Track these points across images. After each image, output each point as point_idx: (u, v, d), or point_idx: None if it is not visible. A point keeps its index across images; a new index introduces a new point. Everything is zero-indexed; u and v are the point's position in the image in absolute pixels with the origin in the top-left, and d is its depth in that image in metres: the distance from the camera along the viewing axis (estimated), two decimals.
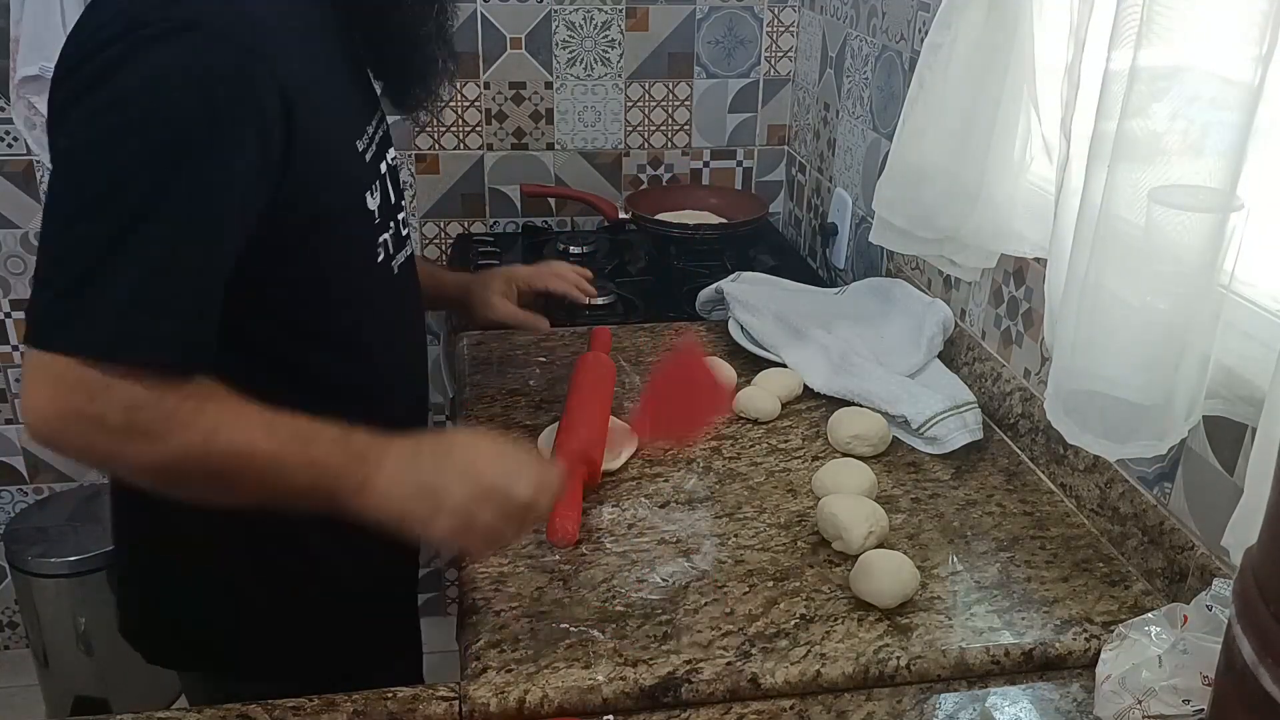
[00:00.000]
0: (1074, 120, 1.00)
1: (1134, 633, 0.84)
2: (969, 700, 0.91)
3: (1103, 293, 0.90)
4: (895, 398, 1.28)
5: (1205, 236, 0.83)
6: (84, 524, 2.14)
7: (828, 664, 0.91)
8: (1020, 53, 1.14)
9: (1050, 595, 1.01)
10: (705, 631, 0.95)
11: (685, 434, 1.19)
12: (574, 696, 0.88)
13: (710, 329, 1.59)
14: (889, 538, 1.07)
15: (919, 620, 0.97)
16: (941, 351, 1.42)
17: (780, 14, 2.11)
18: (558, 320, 1.65)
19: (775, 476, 1.20)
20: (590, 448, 1.14)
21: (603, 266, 1.90)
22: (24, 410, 0.81)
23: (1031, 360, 1.28)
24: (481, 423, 1.30)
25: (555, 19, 2.05)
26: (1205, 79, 0.81)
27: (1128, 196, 0.86)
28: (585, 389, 1.27)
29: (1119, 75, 0.86)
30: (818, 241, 1.99)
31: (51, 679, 2.20)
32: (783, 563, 1.05)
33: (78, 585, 2.08)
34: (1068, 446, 1.16)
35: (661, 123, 2.16)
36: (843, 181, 1.89)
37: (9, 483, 2.26)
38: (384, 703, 0.88)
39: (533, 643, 0.93)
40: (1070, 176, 1.00)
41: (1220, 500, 0.95)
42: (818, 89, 2.02)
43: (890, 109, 1.65)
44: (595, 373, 1.31)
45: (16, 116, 1.89)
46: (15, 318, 2.12)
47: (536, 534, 1.08)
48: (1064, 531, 1.12)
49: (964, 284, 1.44)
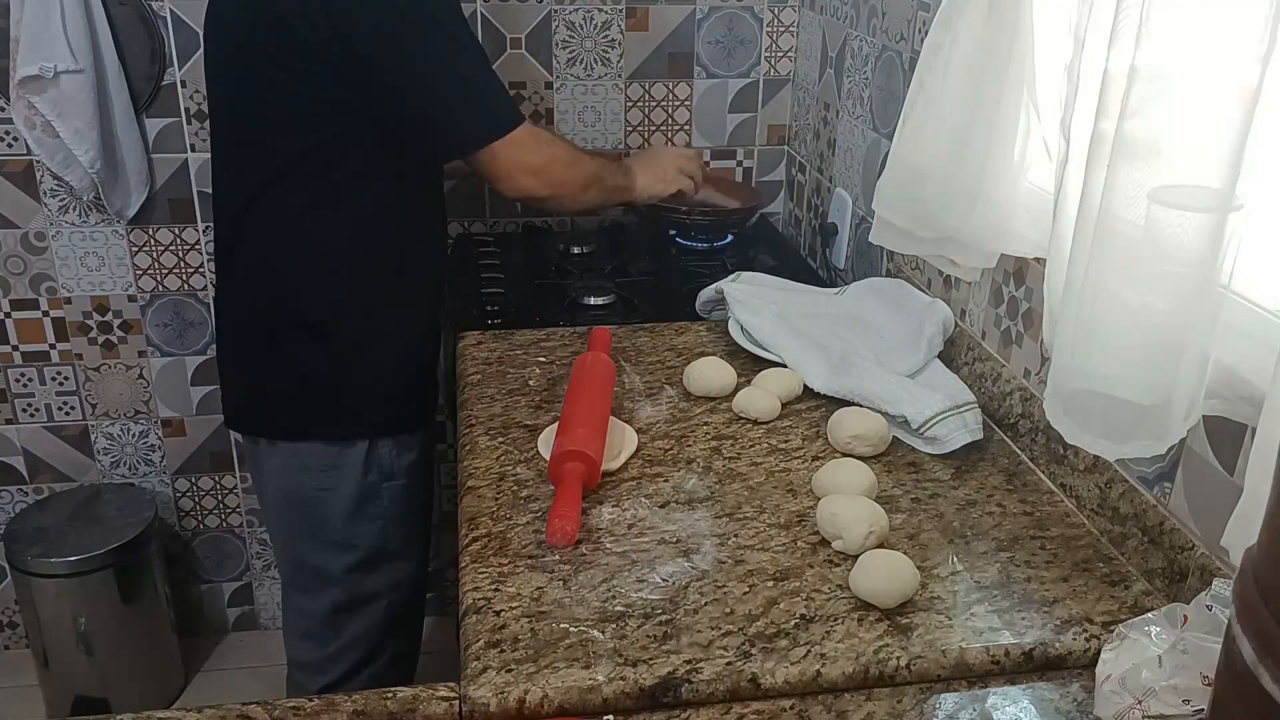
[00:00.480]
0: (1073, 120, 1.00)
1: (1134, 633, 0.84)
2: (969, 700, 0.91)
3: (1102, 293, 0.90)
4: (895, 398, 1.28)
5: (1205, 237, 0.83)
6: (84, 524, 2.14)
7: (828, 664, 0.91)
8: (1020, 53, 1.14)
9: (1050, 595, 1.01)
10: (705, 631, 0.95)
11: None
12: (574, 696, 0.88)
13: (710, 329, 1.59)
14: (889, 538, 1.07)
15: (919, 620, 0.97)
16: (941, 351, 1.42)
17: (780, 14, 2.11)
18: (558, 320, 1.66)
19: (775, 476, 1.20)
20: (590, 448, 1.14)
21: (603, 266, 1.91)
22: (521, 176, 1.46)
23: (1031, 360, 1.28)
24: (481, 422, 1.31)
25: (555, 19, 2.05)
26: (1205, 79, 0.81)
27: (1127, 196, 0.86)
28: (585, 389, 1.27)
29: (1118, 75, 0.86)
30: (818, 241, 1.99)
31: (51, 679, 2.20)
32: (783, 563, 1.05)
33: (78, 585, 2.08)
34: (1068, 446, 1.17)
35: (661, 123, 2.16)
36: (843, 181, 1.89)
37: (9, 483, 2.26)
38: (384, 703, 0.88)
39: (533, 643, 0.93)
40: (1070, 176, 1.00)
41: (1220, 500, 0.95)
42: (818, 89, 2.02)
43: (890, 109, 1.65)
44: (595, 373, 1.31)
45: (16, 116, 1.89)
46: (15, 318, 2.12)
47: (536, 534, 1.08)
48: (1064, 531, 1.12)
49: (964, 284, 1.44)
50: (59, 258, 2.09)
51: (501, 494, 1.16)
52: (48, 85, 1.85)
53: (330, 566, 1.59)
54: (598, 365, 1.33)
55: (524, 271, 1.89)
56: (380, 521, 1.59)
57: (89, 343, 2.17)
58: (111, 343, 2.17)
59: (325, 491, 1.55)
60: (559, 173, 1.51)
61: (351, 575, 1.60)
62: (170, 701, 2.28)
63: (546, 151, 1.50)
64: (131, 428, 2.26)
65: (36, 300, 2.12)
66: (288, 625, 1.72)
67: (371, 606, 1.63)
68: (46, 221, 2.06)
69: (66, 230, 2.07)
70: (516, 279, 1.84)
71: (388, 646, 1.67)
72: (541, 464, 1.20)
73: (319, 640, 1.65)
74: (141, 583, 2.17)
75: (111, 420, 2.24)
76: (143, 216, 2.07)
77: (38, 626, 2.13)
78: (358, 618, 1.63)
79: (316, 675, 1.65)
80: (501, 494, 1.16)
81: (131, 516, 2.16)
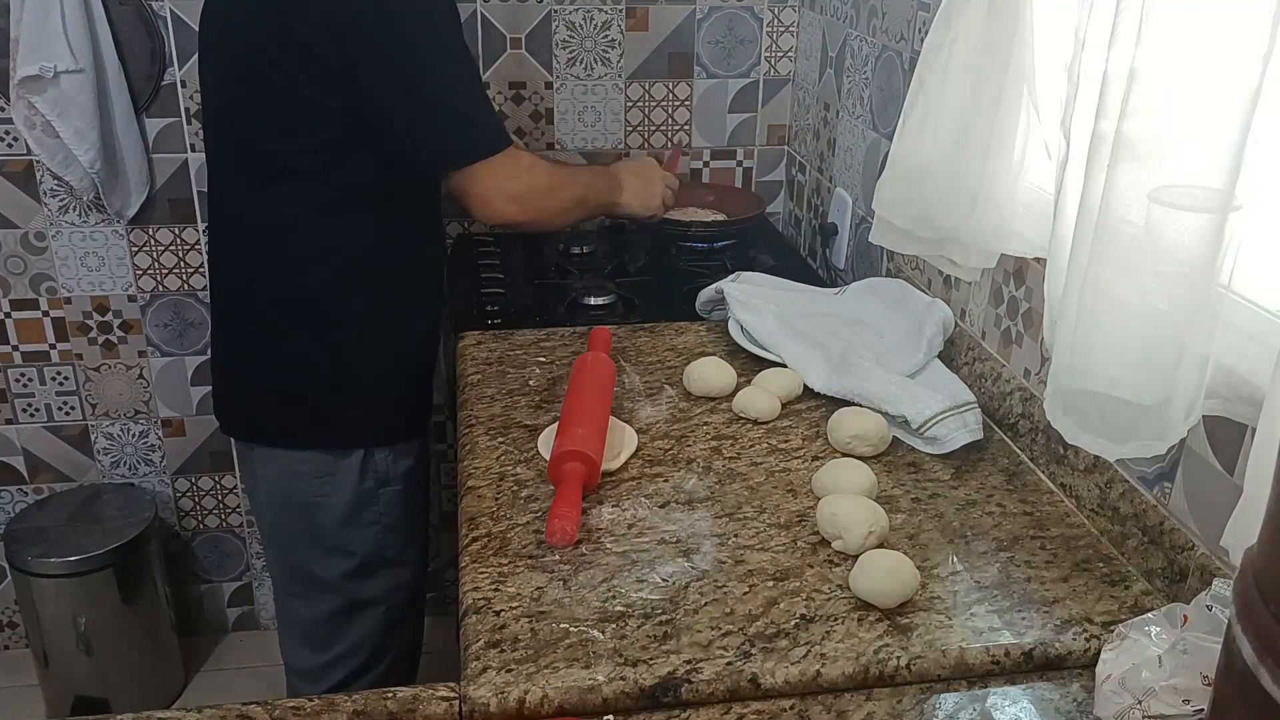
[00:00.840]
0: (1073, 120, 1.00)
1: (1134, 633, 0.84)
2: (969, 700, 0.91)
3: (1102, 293, 0.90)
4: (895, 398, 1.28)
5: (1205, 236, 0.83)
6: (84, 524, 2.14)
7: (828, 664, 0.91)
8: (1020, 53, 1.14)
9: (1050, 595, 1.01)
10: (705, 631, 0.95)
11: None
12: (574, 696, 0.88)
13: (710, 329, 1.59)
14: (889, 538, 1.07)
15: (919, 620, 0.97)
16: (941, 351, 1.42)
17: (780, 14, 2.11)
18: (558, 320, 1.66)
19: (775, 476, 1.20)
20: (589, 447, 1.14)
21: (603, 266, 1.91)
22: (500, 202, 1.44)
23: (1031, 360, 1.28)
24: (481, 422, 1.31)
25: (555, 19, 2.05)
26: (1205, 79, 0.81)
27: (1127, 196, 0.86)
28: (585, 389, 1.27)
29: (1118, 75, 0.86)
30: (818, 241, 1.99)
31: (51, 679, 2.20)
32: (783, 563, 1.05)
33: (78, 585, 2.08)
34: (1068, 446, 1.17)
35: (661, 123, 2.16)
36: (843, 181, 1.89)
37: (9, 483, 2.26)
38: (384, 703, 0.88)
39: (533, 643, 0.93)
40: (1070, 176, 1.00)
41: (1220, 500, 0.95)
42: (818, 89, 2.02)
43: (890, 109, 1.65)
44: (595, 372, 1.31)
45: (16, 116, 1.89)
46: (15, 318, 2.12)
47: (536, 534, 1.08)
48: (1064, 531, 1.12)
49: (964, 284, 1.44)
50: (59, 258, 2.09)
51: (501, 494, 1.16)
52: (48, 85, 1.85)
53: (326, 573, 1.59)
54: (598, 365, 1.33)
55: (524, 271, 1.89)
56: (376, 527, 1.58)
57: (89, 343, 2.17)
58: (111, 343, 2.17)
59: (321, 497, 1.54)
60: (537, 200, 1.49)
61: (348, 581, 1.59)
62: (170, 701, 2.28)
63: (526, 178, 1.47)
64: (131, 428, 2.26)
65: (36, 300, 2.12)
66: (284, 631, 1.71)
67: (369, 612, 1.62)
68: (46, 221, 2.06)
69: (66, 230, 2.08)
70: (516, 279, 1.84)
71: (386, 653, 1.67)
72: (541, 464, 1.20)
73: (315, 647, 1.64)
74: (141, 583, 2.17)
75: (111, 420, 2.24)
76: (143, 216, 2.07)
77: (38, 626, 2.13)
78: (356, 624, 1.62)
79: (315, 682, 1.65)
80: (501, 494, 1.16)
81: (131, 516, 2.16)
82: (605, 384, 1.30)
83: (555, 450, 1.14)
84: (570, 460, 1.12)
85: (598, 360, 1.35)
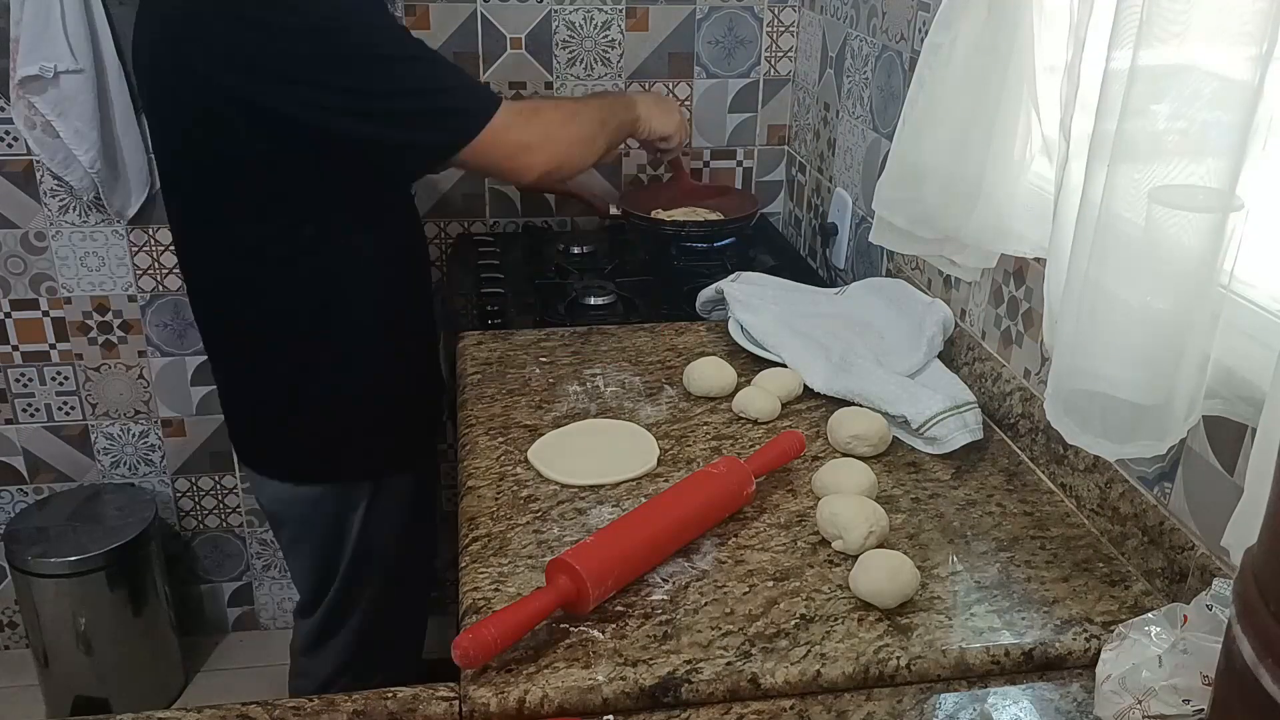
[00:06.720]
0: (1074, 120, 1.00)
1: (1134, 633, 0.84)
2: (969, 700, 0.91)
3: (1103, 293, 0.90)
4: (895, 398, 1.28)
5: (1205, 236, 0.83)
6: (84, 524, 2.14)
7: (828, 664, 0.91)
8: (1020, 53, 1.14)
9: (1050, 595, 1.01)
10: (705, 631, 0.95)
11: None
12: (574, 696, 0.88)
13: (710, 329, 1.59)
14: (889, 538, 1.07)
15: (919, 620, 0.97)
16: (941, 351, 1.42)
17: (780, 14, 2.11)
18: (558, 320, 1.65)
19: (775, 476, 1.20)
20: (594, 577, 0.93)
21: (603, 266, 1.91)
22: (523, 155, 1.39)
23: (1031, 360, 1.28)
24: (481, 422, 1.30)
25: (555, 19, 2.05)
26: (1205, 79, 0.81)
27: (1128, 196, 0.86)
28: (676, 507, 1.04)
29: (1119, 75, 0.86)
30: (818, 241, 1.99)
31: (51, 679, 2.20)
32: (783, 563, 1.05)
33: (78, 585, 2.08)
34: (1068, 446, 1.17)
35: None
36: (843, 181, 1.89)
37: (9, 483, 2.26)
38: (384, 702, 0.88)
39: (533, 643, 0.93)
40: (1070, 176, 1.00)
41: (1220, 500, 0.95)
42: (818, 89, 2.02)
43: (890, 109, 1.65)
44: (708, 490, 1.07)
45: (16, 116, 1.89)
46: (15, 318, 2.12)
47: (537, 534, 1.08)
48: (1064, 531, 1.12)
49: (964, 284, 1.44)
50: (59, 258, 2.09)
51: (501, 494, 1.16)
52: (48, 85, 1.85)
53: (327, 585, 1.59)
54: (727, 482, 1.07)
55: (524, 271, 1.89)
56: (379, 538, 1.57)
57: (89, 343, 2.17)
58: (111, 343, 2.17)
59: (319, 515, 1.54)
60: (557, 134, 1.42)
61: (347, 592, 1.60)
62: (170, 701, 2.28)
63: (536, 121, 1.41)
64: (131, 428, 2.26)
65: (36, 300, 2.12)
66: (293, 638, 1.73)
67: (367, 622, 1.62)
68: (46, 221, 2.06)
69: (66, 230, 2.08)
70: (516, 279, 1.84)
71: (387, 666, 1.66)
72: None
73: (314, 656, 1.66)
74: (141, 583, 2.17)
75: (111, 420, 2.24)
76: (143, 216, 2.08)
77: (38, 626, 2.13)
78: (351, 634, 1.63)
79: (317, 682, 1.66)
80: (501, 494, 1.16)
81: (131, 516, 2.17)
82: (711, 505, 1.07)
83: (565, 555, 0.95)
84: (560, 574, 0.94)
85: (733, 471, 1.08)
